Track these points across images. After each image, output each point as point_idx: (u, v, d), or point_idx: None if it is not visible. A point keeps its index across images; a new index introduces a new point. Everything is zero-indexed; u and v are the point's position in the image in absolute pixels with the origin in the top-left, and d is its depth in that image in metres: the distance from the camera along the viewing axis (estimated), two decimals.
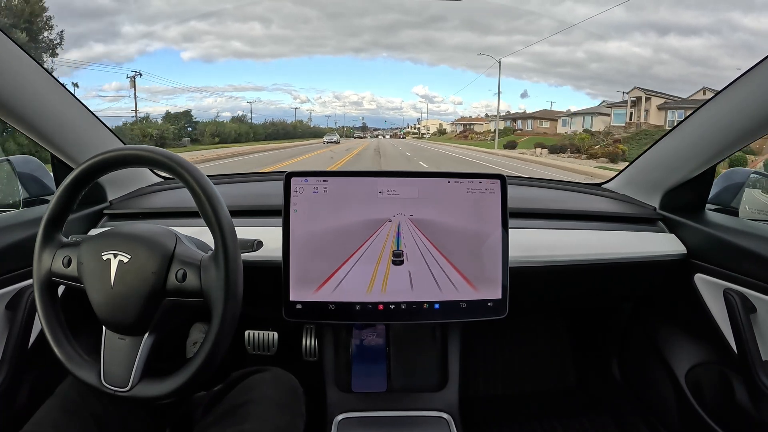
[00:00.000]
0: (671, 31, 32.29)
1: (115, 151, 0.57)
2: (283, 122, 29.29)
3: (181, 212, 0.88)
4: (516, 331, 1.27)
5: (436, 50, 55.27)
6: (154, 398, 0.55)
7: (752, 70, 0.71)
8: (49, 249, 0.58)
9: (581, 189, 1.14)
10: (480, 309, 0.74)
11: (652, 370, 1.01)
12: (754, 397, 0.75)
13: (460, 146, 21.70)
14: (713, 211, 0.96)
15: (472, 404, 1.13)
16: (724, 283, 0.79)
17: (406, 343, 0.96)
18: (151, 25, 38.03)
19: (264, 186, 1.12)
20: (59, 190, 0.58)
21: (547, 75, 37.89)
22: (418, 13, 57.13)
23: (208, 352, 0.54)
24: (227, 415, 0.61)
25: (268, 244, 0.70)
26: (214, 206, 0.55)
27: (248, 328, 0.98)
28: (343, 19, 56.54)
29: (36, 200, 0.89)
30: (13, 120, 0.70)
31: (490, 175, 0.75)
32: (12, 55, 0.66)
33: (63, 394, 0.61)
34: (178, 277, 0.55)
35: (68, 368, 0.56)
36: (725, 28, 30.69)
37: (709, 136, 0.82)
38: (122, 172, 0.71)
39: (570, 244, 0.87)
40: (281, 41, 50.67)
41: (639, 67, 30.04)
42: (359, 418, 0.89)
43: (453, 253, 0.74)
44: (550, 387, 1.24)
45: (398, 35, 59.99)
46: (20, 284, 0.70)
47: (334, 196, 0.73)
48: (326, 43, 54.50)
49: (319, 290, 0.72)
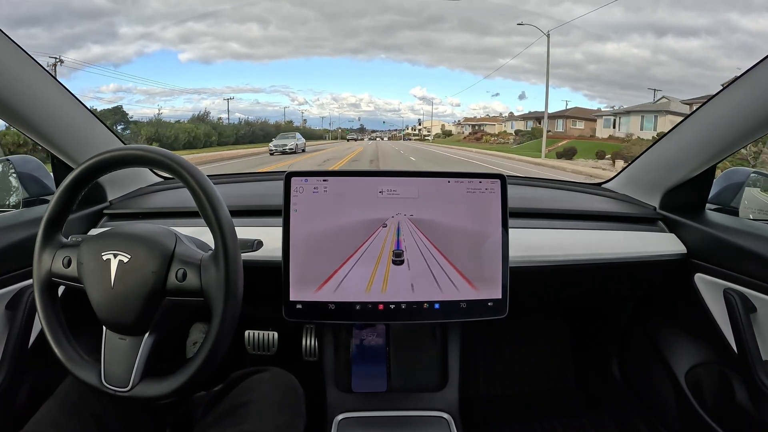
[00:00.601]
0: (669, 32, 32.34)
1: (115, 151, 0.57)
2: (264, 122, 26.14)
3: (181, 212, 0.88)
4: (516, 331, 1.27)
5: (435, 51, 55.25)
6: (155, 398, 0.55)
7: (752, 70, 0.71)
8: (49, 249, 0.58)
9: (581, 189, 1.14)
10: (480, 309, 0.74)
11: (652, 370, 1.01)
12: (754, 397, 0.75)
13: (481, 151, 18.35)
14: (713, 211, 0.96)
15: (472, 404, 1.13)
16: (724, 283, 0.79)
17: (406, 343, 0.97)
18: (149, 26, 38.03)
19: (264, 186, 1.12)
20: (59, 191, 0.58)
21: (544, 76, 37.89)
22: (416, 13, 57.14)
23: (209, 351, 0.54)
24: (227, 415, 0.61)
25: (268, 244, 0.70)
26: (213, 206, 0.55)
27: (248, 328, 0.98)
28: (340, 19, 56.49)
29: (36, 200, 0.89)
30: (13, 120, 0.70)
31: (490, 174, 0.75)
32: (12, 55, 0.67)
33: (63, 394, 0.61)
34: (178, 277, 0.55)
35: (69, 369, 0.56)
36: (723, 29, 30.75)
37: (709, 136, 0.82)
38: (122, 172, 0.71)
39: (570, 243, 0.87)
40: (279, 42, 50.61)
41: (637, 68, 30.04)
42: (359, 418, 0.89)
43: (453, 253, 0.74)
44: (550, 387, 1.24)
45: (396, 36, 59.96)
46: (20, 284, 0.70)
47: (334, 196, 0.73)
48: (324, 44, 54.49)
49: (319, 290, 0.72)
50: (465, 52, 48.73)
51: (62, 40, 34.62)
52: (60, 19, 34.13)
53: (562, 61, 34.20)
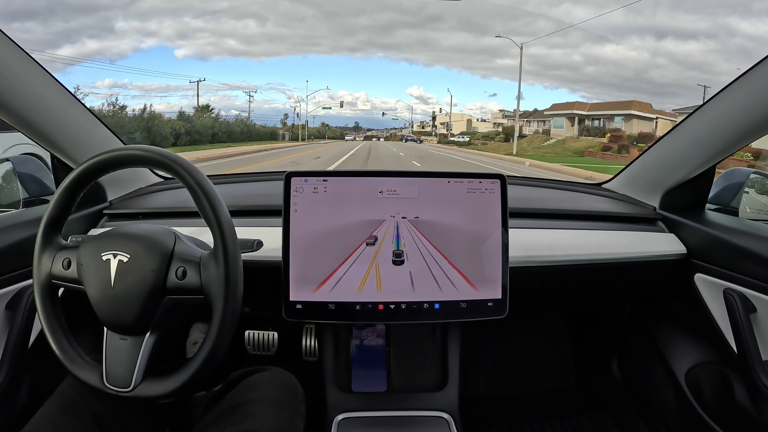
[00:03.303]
0: (669, 35, 32.31)
1: (115, 151, 0.57)
2: (224, 121, 20.89)
3: (181, 212, 0.88)
4: (516, 331, 1.27)
5: (432, 51, 55.18)
6: (156, 398, 0.55)
7: (752, 71, 0.71)
8: (49, 251, 0.58)
9: (581, 189, 1.14)
10: (480, 309, 0.74)
11: (652, 370, 1.01)
12: (754, 397, 0.75)
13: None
14: (713, 211, 0.96)
15: (472, 404, 1.13)
16: (724, 283, 0.79)
17: (406, 343, 0.97)
18: (145, 21, 37.93)
19: (264, 186, 1.12)
20: (58, 192, 0.58)
21: (542, 77, 37.90)
22: (415, 12, 57.08)
23: (210, 349, 0.54)
24: (227, 414, 0.61)
25: (268, 244, 0.70)
26: (213, 206, 0.55)
27: (248, 328, 0.98)
28: (339, 17, 56.45)
29: (36, 200, 0.89)
30: (14, 120, 0.70)
31: (490, 174, 0.75)
32: (12, 55, 0.66)
33: (63, 394, 0.61)
34: (178, 275, 0.55)
35: (71, 370, 0.56)
36: (722, 33, 30.74)
37: (708, 136, 0.82)
38: (122, 172, 0.71)
39: (570, 244, 0.87)
40: (276, 40, 50.50)
41: (635, 71, 30.04)
42: (359, 418, 0.89)
43: (453, 253, 0.74)
44: (550, 387, 1.24)
45: (394, 35, 59.89)
46: (20, 284, 0.70)
47: (334, 196, 0.73)
48: (321, 42, 54.41)
49: (319, 290, 0.72)
50: (463, 51, 48.72)
51: (57, 35, 34.52)
52: (55, 13, 34.09)
53: (560, 62, 34.25)
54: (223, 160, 10.94)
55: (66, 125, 0.79)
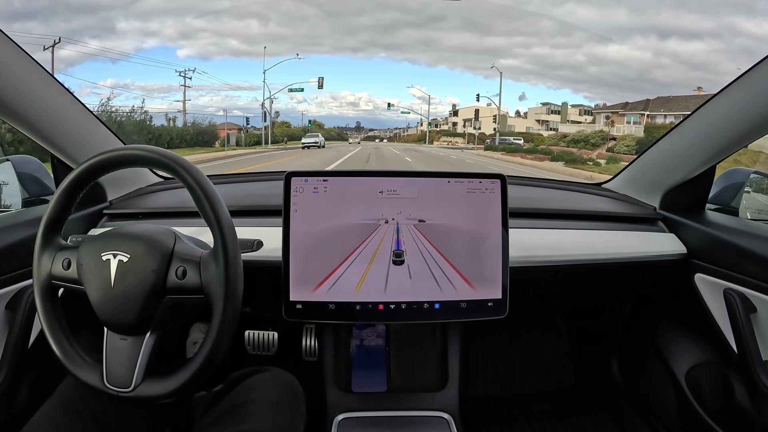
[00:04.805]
0: (673, 35, 32.28)
1: (114, 151, 0.57)
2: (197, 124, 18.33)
3: (181, 212, 0.88)
4: (516, 331, 1.27)
5: (435, 51, 55.02)
6: (157, 398, 0.55)
7: (752, 70, 0.71)
8: (49, 252, 0.58)
9: (581, 189, 1.14)
10: (480, 309, 0.74)
11: (652, 370, 1.01)
12: (754, 397, 0.75)
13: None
14: (713, 211, 0.96)
15: (472, 404, 1.13)
16: (724, 283, 0.79)
17: (406, 343, 0.97)
18: (147, 21, 37.86)
19: (264, 186, 1.12)
20: (58, 192, 0.58)
21: (545, 77, 37.91)
22: (417, 12, 56.94)
23: (210, 349, 0.54)
24: (227, 415, 0.61)
25: (268, 244, 0.70)
26: (213, 206, 0.55)
27: (248, 328, 0.98)
28: (341, 17, 56.26)
29: (36, 200, 0.89)
30: (14, 120, 0.70)
31: (490, 174, 0.75)
32: (12, 55, 0.66)
33: (63, 394, 0.61)
34: (178, 274, 0.55)
35: (71, 371, 0.56)
36: (727, 33, 30.70)
37: (709, 136, 0.82)
38: (122, 172, 0.71)
39: (570, 244, 0.87)
40: (278, 39, 50.34)
41: (638, 71, 29.96)
42: (359, 418, 0.89)
43: (453, 253, 0.74)
44: (550, 387, 1.24)
45: (396, 35, 59.72)
46: (20, 284, 0.70)
47: (334, 196, 0.73)
48: (323, 41, 54.22)
49: (319, 290, 0.72)
50: (466, 51, 48.62)
51: (59, 35, 34.48)
52: (56, 14, 34.06)
53: (563, 62, 34.15)
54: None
55: (66, 125, 0.79)
